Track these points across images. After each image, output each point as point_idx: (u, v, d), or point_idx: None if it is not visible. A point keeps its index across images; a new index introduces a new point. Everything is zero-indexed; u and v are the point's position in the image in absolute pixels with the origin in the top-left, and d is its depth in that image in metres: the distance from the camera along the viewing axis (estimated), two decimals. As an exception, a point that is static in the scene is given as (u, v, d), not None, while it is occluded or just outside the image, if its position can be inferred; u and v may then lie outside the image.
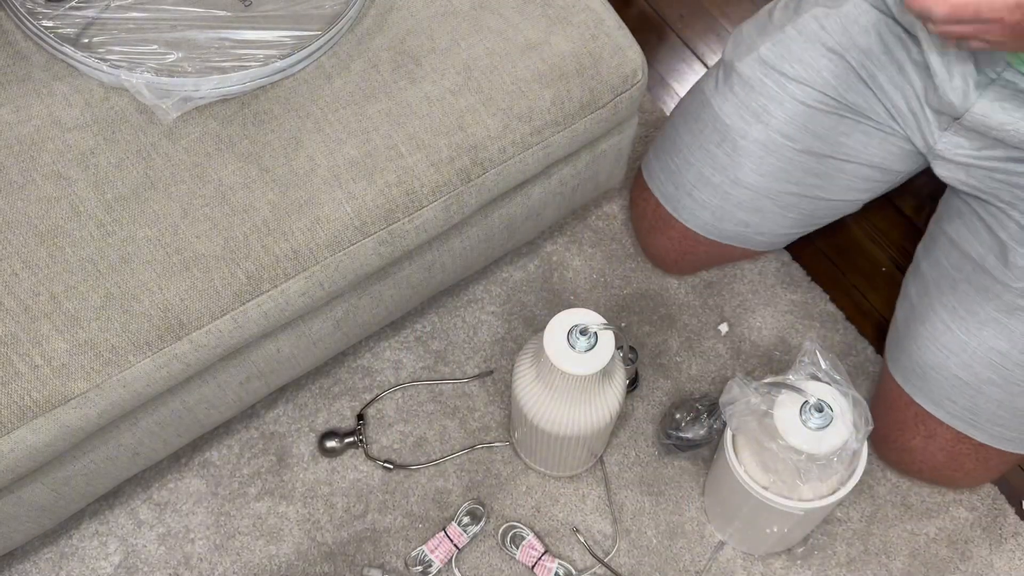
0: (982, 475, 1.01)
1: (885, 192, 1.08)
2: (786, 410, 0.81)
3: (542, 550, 1.03)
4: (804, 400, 0.81)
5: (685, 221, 1.09)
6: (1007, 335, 0.91)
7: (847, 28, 0.94)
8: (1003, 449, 0.96)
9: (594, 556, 1.04)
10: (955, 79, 0.88)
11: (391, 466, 1.09)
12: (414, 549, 1.04)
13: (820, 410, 0.80)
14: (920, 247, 1.05)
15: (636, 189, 1.17)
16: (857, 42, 0.94)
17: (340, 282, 0.85)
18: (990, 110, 0.87)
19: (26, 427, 0.74)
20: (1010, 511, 1.08)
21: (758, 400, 0.82)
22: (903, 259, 1.24)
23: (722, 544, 1.05)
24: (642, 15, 1.48)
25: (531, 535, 1.04)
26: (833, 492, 0.85)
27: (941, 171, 0.97)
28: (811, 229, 1.12)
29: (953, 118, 0.91)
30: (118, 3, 0.81)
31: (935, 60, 0.88)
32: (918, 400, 0.98)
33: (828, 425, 0.80)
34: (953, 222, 0.99)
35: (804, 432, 0.80)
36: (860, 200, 1.08)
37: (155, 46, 0.80)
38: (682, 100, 1.11)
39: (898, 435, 1.01)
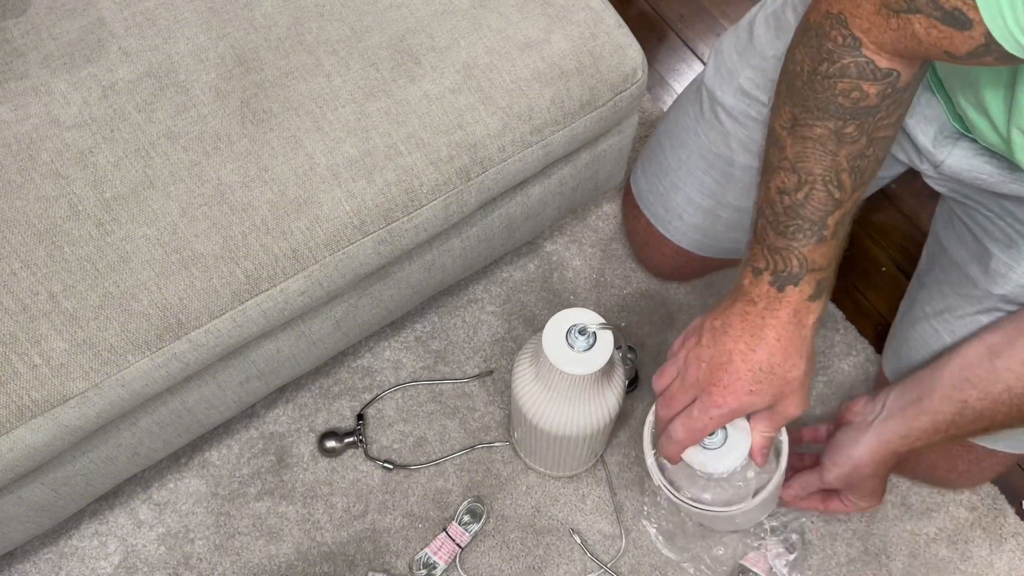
0: (977, 475, 1.00)
1: (882, 187, 1.08)
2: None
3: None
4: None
5: (678, 241, 1.09)
6: None
7: None
8: (993, 449, 0.96)
9: (593, 558, 1.04)
10: (927, 129, 0.88)
11: (391, 466, 1.09)
12: (416, 552, 1.04)
13: (711, 433, 0.81)
14: (924, 249, 1.05)
15: (627, 206, 1.17)
16: None
17: (339, 281, 0.85)
18: (964, 162, 0.88)
19: (25, 427, 0.74)
20: (1010, 511, 1.08)
21: None
22: (903, 259, 1.24)
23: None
24: (642, 14, 1.48)
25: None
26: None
27: (930, 181, 0.97)
28: None
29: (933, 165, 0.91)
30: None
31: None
32: None
33: (721, 446, 0.82)
34: (945, 228, 0.98)
35: (700, 451, 0.82)
36: None
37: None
38: (667, 119, 1.09)
39: None
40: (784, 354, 0.75)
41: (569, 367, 0.81)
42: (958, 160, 0.87)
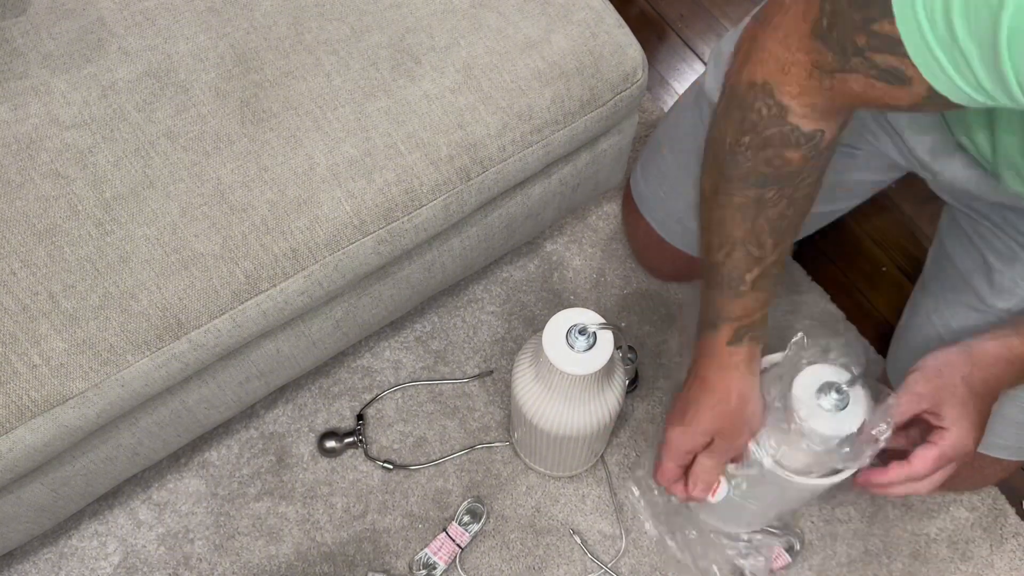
0: (978, 480, 1.00)
1: (883, 189, 1.08)
2: (803, 391, 0.80)
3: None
4: (822, 382, 0.80)
5: (678, 246, 1.09)
6: None
7: None
8: (996, 456, 0.96)
9: (593, 558, 1.04)
10: (924, 140, 0.88)
11: (391, 466, 1.09)
12: (416, 552, 1.04)
13: (839, 392, 0.79)
14: (928, 254, 1.05)
15: (627, 209, 1.17)
16: None
17: (339, 281, 0.85)
18: (961, 172, 0.87)
19: (24, 427, 0.74)
20: (1011, 511, 1.08)
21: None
22: (904, 259, 1.24)
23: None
24: (642, 14, 1.48)
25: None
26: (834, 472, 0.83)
27: (932, 186, 0.97)
28: (808, 233, 1.11)
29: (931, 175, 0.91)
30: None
31: (902, 122, 0.89)
32: None
33: (845, 407, 0.79)
34: (949, 236, 0.98)
35: (823, 415, 0.79)
36: (856, 204, 1.07)
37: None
38: (666, 124, 1.09)
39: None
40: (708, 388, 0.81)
41: (569, 367, 0.81)
42: (956, 172, 0.87)
